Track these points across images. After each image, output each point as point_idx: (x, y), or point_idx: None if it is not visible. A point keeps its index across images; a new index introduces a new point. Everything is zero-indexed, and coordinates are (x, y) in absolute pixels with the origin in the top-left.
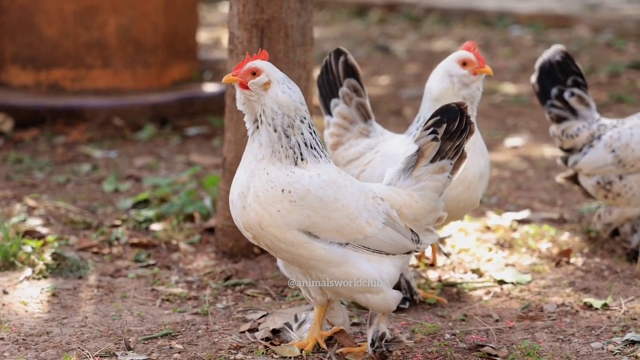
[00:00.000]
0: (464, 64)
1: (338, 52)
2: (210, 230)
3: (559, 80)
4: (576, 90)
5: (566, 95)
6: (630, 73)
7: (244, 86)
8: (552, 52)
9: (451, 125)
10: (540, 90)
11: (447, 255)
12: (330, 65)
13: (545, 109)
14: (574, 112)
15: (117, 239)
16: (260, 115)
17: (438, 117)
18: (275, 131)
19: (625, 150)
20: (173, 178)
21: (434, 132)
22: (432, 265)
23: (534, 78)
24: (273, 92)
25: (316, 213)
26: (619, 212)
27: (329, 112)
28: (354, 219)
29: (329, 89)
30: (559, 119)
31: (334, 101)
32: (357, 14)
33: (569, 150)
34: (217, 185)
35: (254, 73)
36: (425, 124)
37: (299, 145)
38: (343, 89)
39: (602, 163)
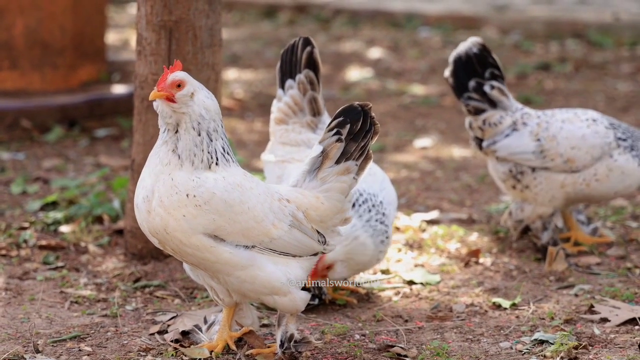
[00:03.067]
0: None
1: (306, 42)
2: (119, 232)
3: (476, 73)
4: (495, 83)
5: (486, 88)
6: (538, 74)
7: (171, 100)
8: (469, 44)
9: (354, 126)
10: (455, 83)
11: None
12: (296, 48)
13: (461, 101)
14: (493, 104)
15: (25, 241)
16: (184, 122)
17: (341, 118)
18: (200, 135)
19: (551, 142)
20: (82, 180)
21: (337, 133)
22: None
23: (447, 72)
24: (199, 99)
25: (221, 216)
26: (531, 209)
27: (282, 88)
28: (259, 222)
29: (288, 68)
30: (477, 111)
31: (289, 82)
32: (266, 15)
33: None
34: (125, 187)
35: (179, 85)
36: (329, 125)
37: (216, 150)
38: (300, 77)
39: (522, 149)
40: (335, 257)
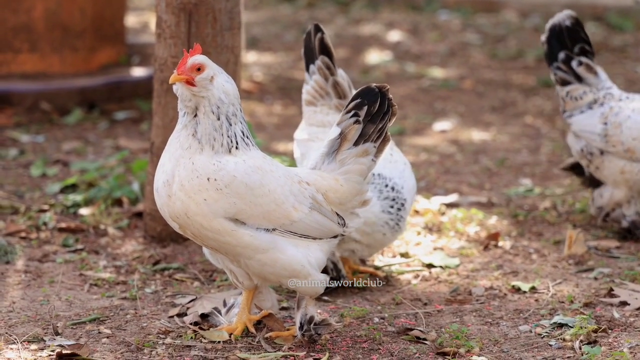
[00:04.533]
0: None
1: (317, 28)
2: (139, 214)
3: (566, 46)
4: (584, 59)
5: (574, 63)
6: None
7: (191, 83)
8: (562, 16)
9: (372, 108)
10: (548, 50)
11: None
12: (311, 34)
13: (550, 69)
14: (579, 78)
15: (45, 223)
16: (203, 106)
17: (358, 100)
18: (219, 119)
19: (615, 129)
20: (101, 162)
21: (355, 114)
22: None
23: (543, 37)
24: (219, 83)
25: (242, 199)
26: (609, 195)
27: (308, 72)
28: (280, 204)
29: (309, 53)
30: (564, 82)
31: (312, 67)
32: None
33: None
34: (145, 169)
35: (199, 69)
36: (346, 107)
37: (235, 134)
38: (318, 63)
39: (590, 129)
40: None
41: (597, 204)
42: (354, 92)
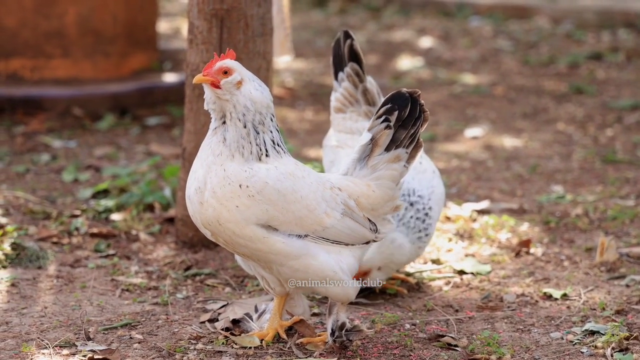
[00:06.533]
0: None
1: (346, 35)
2: (170, 220)
3: None
4: None
5: None
6: (590, 64)
7: (216, 86)
8: None
9: (403, 112)
10: None
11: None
12: (340, 42)
13: None
14: None
15: (77, 229)
16: (229, 112)
17: (389, 105)
18: (245, 127)
19: None
20: (133, 168)
21: (386, 119)
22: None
23: None
24: (246, 90)
25: (274, 206)
26: None
27: (337, 79)
28: (312, 210)
29: (338, 61)
30: None
31: (340, 74)
32: (317, 4)
33: None
34: (176, 175)
35: (226, 72)
36: (377, 112)
37: (264, 142)
38: (347, 70)
39: None
40: (372, 263)
41: None
42: (383, 98)
